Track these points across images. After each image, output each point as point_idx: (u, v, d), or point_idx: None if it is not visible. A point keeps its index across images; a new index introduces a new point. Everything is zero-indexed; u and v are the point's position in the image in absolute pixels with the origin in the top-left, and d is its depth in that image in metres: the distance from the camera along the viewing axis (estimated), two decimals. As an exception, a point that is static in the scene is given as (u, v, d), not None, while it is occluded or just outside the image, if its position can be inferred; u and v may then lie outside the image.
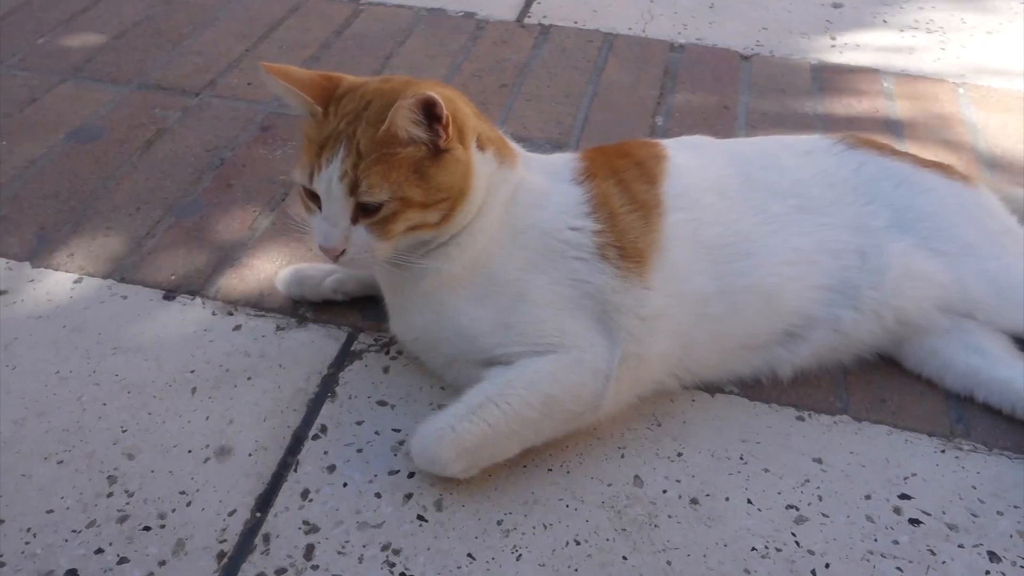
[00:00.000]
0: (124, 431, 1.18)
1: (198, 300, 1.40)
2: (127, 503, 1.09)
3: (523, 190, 1.18)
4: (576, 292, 1.13)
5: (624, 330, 1.13)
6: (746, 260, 1.21)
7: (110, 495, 1.10)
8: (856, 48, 2.17)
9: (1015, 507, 1.12)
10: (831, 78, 2.04)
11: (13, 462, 1.14)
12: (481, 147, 1.14)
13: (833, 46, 2.18)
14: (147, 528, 1.07)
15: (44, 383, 1.25)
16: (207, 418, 1.21)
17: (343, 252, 1.08)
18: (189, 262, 1.46)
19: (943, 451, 1.20)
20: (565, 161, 1.26)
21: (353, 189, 1.05)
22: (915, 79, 2.05)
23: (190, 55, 2.04)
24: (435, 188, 1.07)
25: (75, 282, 1.42)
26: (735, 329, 1.21)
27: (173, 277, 1.43)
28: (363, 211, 1.07)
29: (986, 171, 1.72)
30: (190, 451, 1.16)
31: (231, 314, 1.37)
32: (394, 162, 1.04)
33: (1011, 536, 1.09)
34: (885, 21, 2.32)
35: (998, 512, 1.12)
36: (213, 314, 1.37)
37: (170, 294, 1.40)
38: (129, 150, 1.73)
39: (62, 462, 1.14)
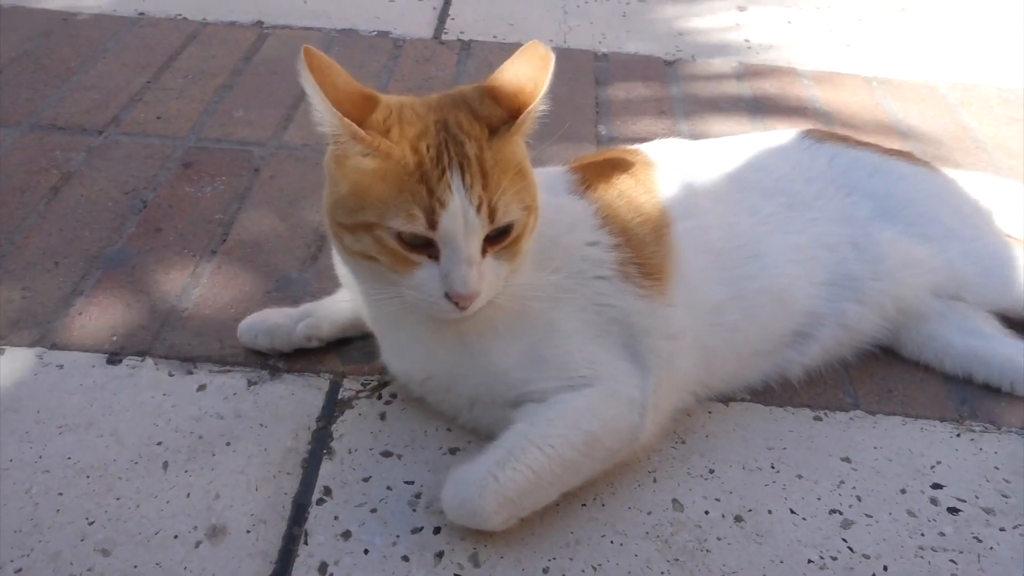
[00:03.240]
0: (91, 523, 1.01)
1: (149, 361, 1.23)
2: (112, 608, 0.93)
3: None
4: (601, 318, 1.05)
5: (653, 353, 1.07)
6: (754, 263, 1.18)
7: (89, 601, 0.93)
8: (770, 49, 2.22)
9: (1040, 483, 1.13)
10: (756, 79, 2.06)
11: (-44, 578, 0.95)
12: None
13: (749, 48, 2.22)
14: (143, 635, 0.91)
15: (-22, 477, 1.06)
16: (188, 495, 1.05)
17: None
18: (130, 319, 1.29)
19: (958, 435, 1.20)
20: (557, 173, 1.18)
21: (493, 216, 0.92)
22: (831, 75, 2.10)
23: (84, 90, 1.84)
24: (532, 182, 0.98)
25: (-4, 355, 1.22)
26: (750, 335, 1.17)
27: (115, 338, 1.26)
28: (490, 240, 0.94)
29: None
30: (176, 536, 1.00)
31: (191, 373, 1.21)
32: (510, 168, 0.94)
33: (1045, 513, 1.09)
34: (789, 22, 2.38)
35: (1025, 490, 1.12)
36: (170, 375, 1.21)
37: (115, 357, 1.23)
38: (33, 199, 1.52)
39: (21, 570, 0.96)
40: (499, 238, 0.95)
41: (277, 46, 2.07)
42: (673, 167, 1.24)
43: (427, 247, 0.93)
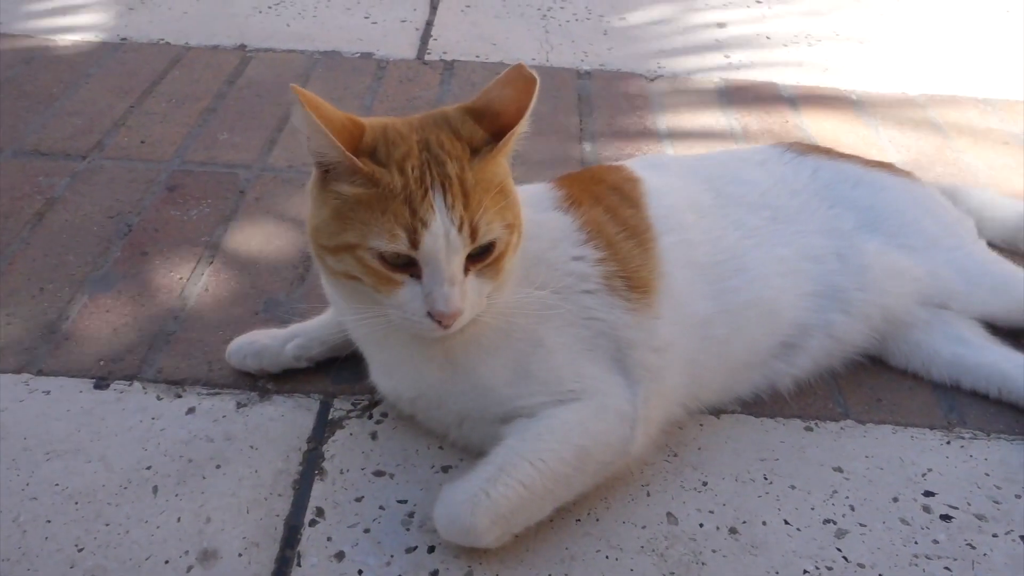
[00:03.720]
0: (80, 550, 1.00)
1: (137, 385, 1.22)
2: (103, 636, 0.92)
3: None
4: (589, 332, 1.06)
5: (641, 366, 1.07)
6: (740, 276, 1.18)
7: (79, 630, 0.92)
8: (751, 65, 2.24)
9: (1029, 488, 1.14)
10: (737, 94, 2.08)
11: (-57, 610, 0.94)
12: None
13: (729, 64, 2.24)
14: (134, 663, 0.89)
15: (-36, 507, 1.04)
16: (179, 520, 1.04)
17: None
18: (117, 343, 1.28)
19: (948, 442, 1.20)
20: (542, 190, 1.19)
21: (474, 235, 0.93)
22: (811, 89, 2.13)
23: (67, 116, 1.83)
24: (514, 201, 0.98)
25: (-19, 382, 1.21)
26: (738, 348, 1.18)
27: (102, 362, 1.25)
28: (472, 258, 0.95)
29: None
30: (167, 561, 0.99)
31: (180, 396, 1.20)
32: (492, 188, 0.94)
33: (1036, 518, 1.10)
34: (768, 38, 2.41)
35: (1016, 496, 1.13)
36: (158, 398, 1.20)
37: (102, 382, 1.22)
38: (16, 225, 1.51)
39: (9, 599, 0.95)
40: (482, 256, 0.95)
41: (260, 69, 2.07)
42: (657, 182, 1.25)
43: (409, 266, 0.94)
